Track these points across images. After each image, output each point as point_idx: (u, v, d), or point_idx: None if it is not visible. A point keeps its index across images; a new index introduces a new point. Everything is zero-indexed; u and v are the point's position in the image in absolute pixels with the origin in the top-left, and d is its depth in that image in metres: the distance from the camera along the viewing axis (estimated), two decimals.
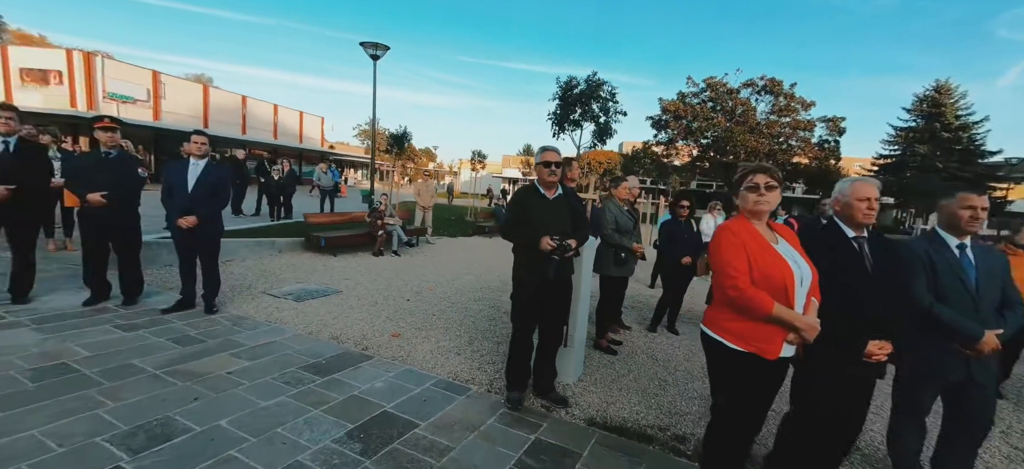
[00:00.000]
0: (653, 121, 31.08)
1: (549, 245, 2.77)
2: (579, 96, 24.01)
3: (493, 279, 7.12)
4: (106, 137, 4.01)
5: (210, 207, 4.14)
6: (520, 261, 2.96)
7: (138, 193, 4.24)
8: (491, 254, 9.83)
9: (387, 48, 9.48)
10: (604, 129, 24.86)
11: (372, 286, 5.92)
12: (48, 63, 17.75)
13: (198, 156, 4.13)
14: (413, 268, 7.43)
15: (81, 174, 4.00)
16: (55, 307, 3.96)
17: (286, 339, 3.77)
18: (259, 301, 4.79)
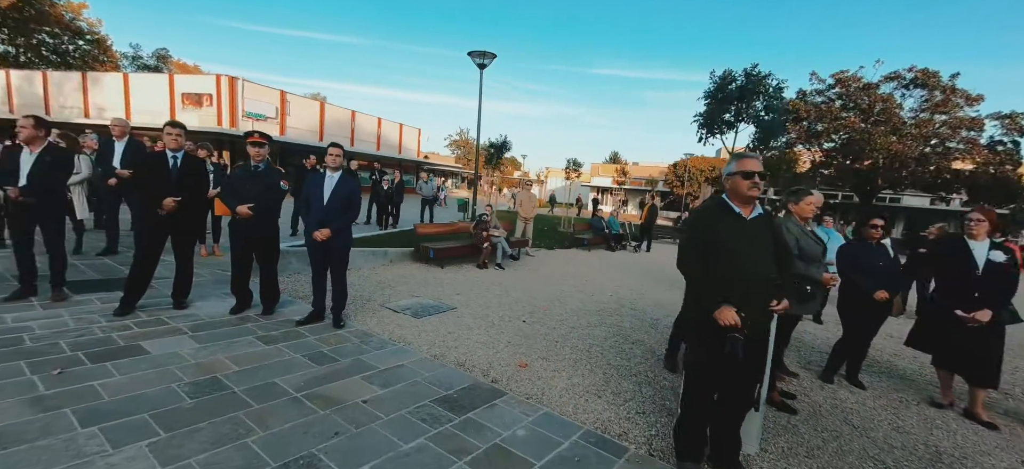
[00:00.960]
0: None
1: (733, 321, 2.13)
2: (737, 92, 20.80)
3: (606, 300, 6.52)
4: (255, 152, 4.16)
5: (343, 219, 4.12)
6: (698, 309, 2.37)
7: (280, 204, 4.36)
8: (597, 270, 9.22)
9: (494, 56, 9.38)
10: (770, 130, 21.14)
11: (484, 303, 5.66)
12: (202, 88, 20.79)
13: (333, 168, 4.13)
14: (520, 283, 7.09)
15: (233, 186, 4.18)
16: (208, 314, 4.17)
17: (413, 364, 3.55)
18: (380, 315, 4.72)
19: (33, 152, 3.87)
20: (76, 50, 39.81)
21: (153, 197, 3.92)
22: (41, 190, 3.85)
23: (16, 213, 3.84)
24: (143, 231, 3.99)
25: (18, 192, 3.76)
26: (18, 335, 3.27)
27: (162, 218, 3.95)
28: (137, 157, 6.03)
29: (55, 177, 4.00)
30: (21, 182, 3.81)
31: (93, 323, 3.66)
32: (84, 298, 4.21)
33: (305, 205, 4.14)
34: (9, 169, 3.81)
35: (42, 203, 3.88)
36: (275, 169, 4.42)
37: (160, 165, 4.01)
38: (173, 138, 4.01)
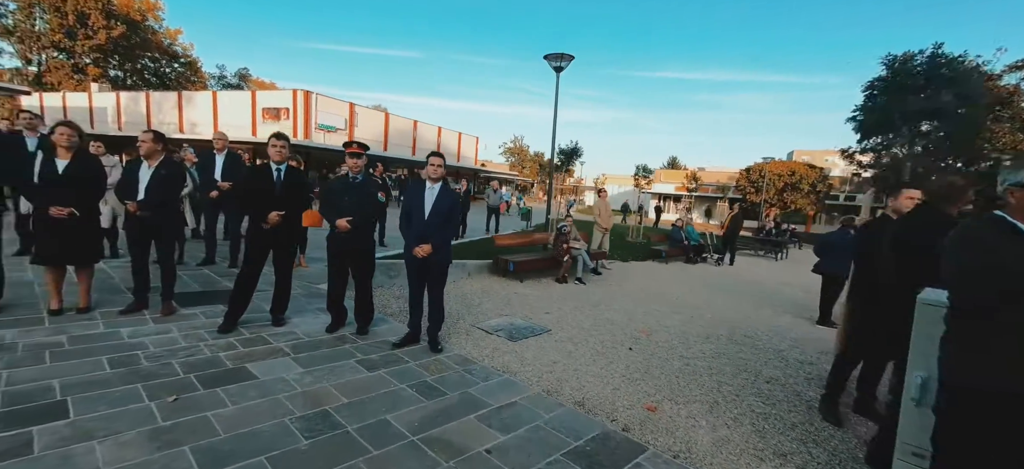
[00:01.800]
0: (858, 123, 25.05)
1: None
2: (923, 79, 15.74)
3: (710, 323, 5.83)
4: (353, 163, 3.97)
5: (444, 235, 3.82)
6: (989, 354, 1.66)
7: (376, 217, 4.16)
8: (683, 286, 8.46)
9: (571, 57, 8.95)
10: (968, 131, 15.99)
11: (577, 324, 5.18)
12: (280, 102, 22.13)
13: (434, 179, 3.85)
14: (608, 301, 6.55)
15: (331, 198, 4.01)
16: (305, 332, 4.03)
17: (527, 401, 3.15)
18: (473, 337, 4.40)
19: (151, 166, 3.91)
20: (172, 72, 44.16)
21: (258, 211, 3.82)
22: (157, 203, 3.88)
23: (134, 226, 3.89)
24: (250, 245, 3.91)
25: (137, 205, 3.80)
26: (134, 353, 3.23)
27: (265, 232, 3.85)
28: (238, 169, 6.20)
29: (171, 190, 4.03)
30: (139, 196, 3.85)
31: (201, 340, 3.59)
32: (190, 312, 4.22)
33: (406, 219, 3.89)
34: (129, 183, 3.87)
35: (158, 216, 3.91)
36: (373, 180, 4.23)
37: (265, 178, 3.91)
38: (277, 150, 3.91)
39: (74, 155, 3.73)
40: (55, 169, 3.65)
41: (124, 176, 3.96)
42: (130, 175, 3.90)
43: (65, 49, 36.32)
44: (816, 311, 7.29)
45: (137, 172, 3.90)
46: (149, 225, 3.90)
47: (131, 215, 3.85)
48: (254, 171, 3.98)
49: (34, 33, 34.96)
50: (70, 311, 3.85)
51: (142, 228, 3.92)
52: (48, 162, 3.65)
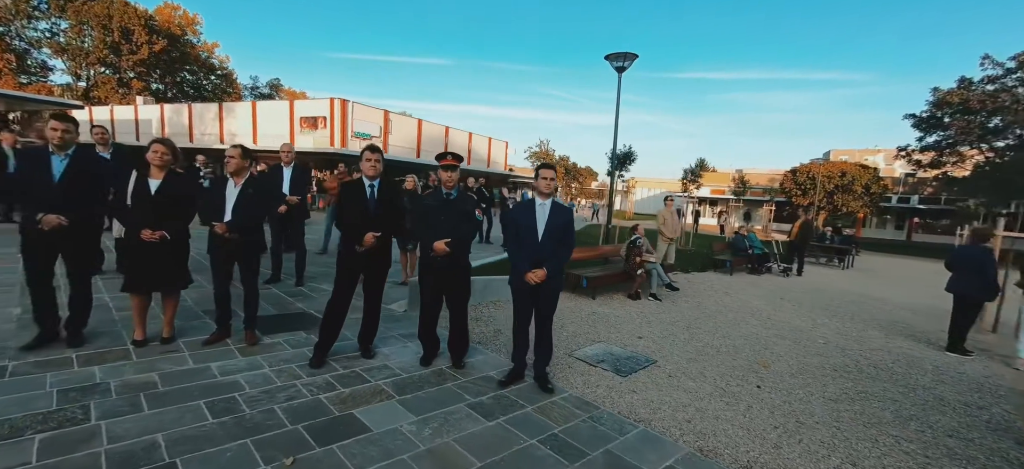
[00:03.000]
0: (917, 119, 23.50)
1: None
2: None
3: (825, 348, 5.23)
4: (447, 176, 3.59)
5: (559, 258, 3.39)
6: None
7: (473, 237, 3.76)
8: (765, 301, 7.81)
9: (635, 56, 8.45)
10: None
11: (681, 352, 4.67)
12: (317, 111, 22.29)
13: (545, 194, 3.43)
14: (699, 322, 5.99)
15: (425, 216, 3.63)
16: (400, 365, 3.66)
17: (684, 463, 2.66)
18: (576, 371, 3.95)
19: (238, 184, 3.62)
20: (209, 84, 45.58)
21: (352, 231, 3.47)
22: (246, 224, 3.59)
23: (219, 249, 3.60)
24: (341, 270, 3.56)
25: (225, 227, 3.51)
26: (231, 397, 2.90)
27: (359, 255, 3.50)
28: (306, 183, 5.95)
29: (259, 210, 3.74)
30: (226, 217, 3.56)
31: (295, 378, 3.26)
32: (272, 340, 3.91)
33: (514, 238, 3.46)
34: (216, 203, 3.58)
35: (245, 238, 3.61)
36: (469, 196, 3.83)
37: (358, 195, 3.56)
38: (371, 164, 3.56)
39: (166, 174, 3.47)
40: (148, 189, 3.39)
41: (210, 196, 3.68)
42: (217, 194, 3.62)
43: (111, 64, 37.89)
44: (927, 332, 6.55)
45: (224, 191, 3.61)
46: (235, 248, 3.61)
47: (217, 238, 3.57)
48: (348, 188, 3.64)
49: (83, 50, 36.58)
50: (154, 342, 3.58)
51: (226, 251, 3.63)
52: (141, 182, 3.39)
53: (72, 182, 3.26)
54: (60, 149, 3.26)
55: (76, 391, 2.77)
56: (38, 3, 35.30)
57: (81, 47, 36.46)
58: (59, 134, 3.22)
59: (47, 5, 35.74)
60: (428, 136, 27.22)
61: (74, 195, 3.27)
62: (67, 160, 3.27)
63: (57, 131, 3.21)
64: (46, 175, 3.20)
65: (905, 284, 12.30)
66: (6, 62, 33.62)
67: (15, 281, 4.81)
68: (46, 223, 3.13)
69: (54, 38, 36.74)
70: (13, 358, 3.10)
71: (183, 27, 42.86)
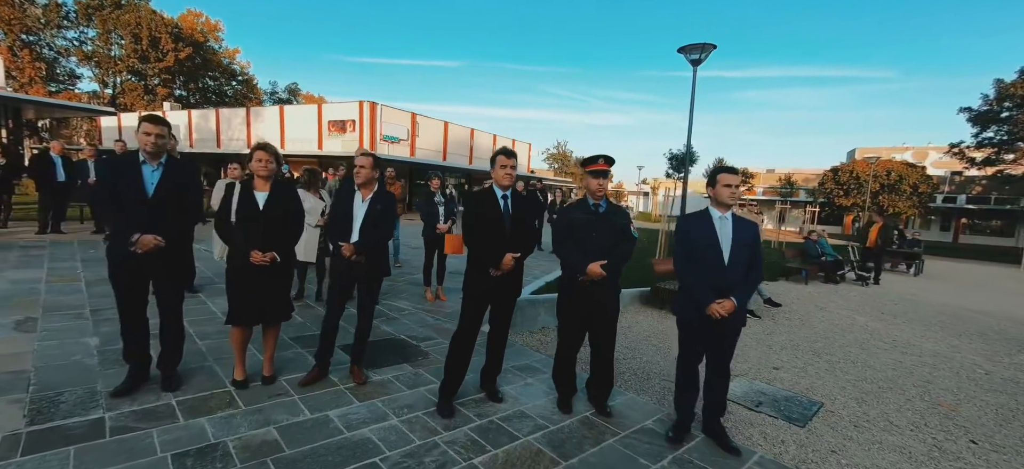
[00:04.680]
0: (975, 114, 22.15)
1: None
2: None
3: (993, 379, 4.50)
4: (597, 184, 3.00)
5: (748, 286, 2.77)
6: None
7: (630, 257, 3.16)
8: (871, 317, 7.07)
9: (713, 47, 7.79)
10: None
11: (837, 387, 4.03)
12: (346, 114, 21.95)
13: (726, 205, 2.82)
14: (823, 346, 5.32)
15: (572, 232, 3.04)
16: (537, 411, 3.08)
17: None
18: (738, 418, 3.34)
19: (365, 198, 3.09)
20: (230, 90, 45.90)
21: (488, 252, 2.91)
22: (375, 244, 3.06)
23: (345, 274, 3.07)
24: (470, 299, 2.99)
25: (353, 249, 2.97)
26: (371, 463, 2.35)
27: (491, 281, 2.94)
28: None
29: (388, 230, 3.20)
30: (354, 237, 3.03)
31: (431, 432, 2.70)
32: (379, 376, 3.37)
33: (685, 258, 2.86)
34: (342, 221, 3.05)
35: (370, 261, 3.08)
36: (620, 209, 3.23)
37: (491, 209, 3.00)
38: (507, 172, 2.99)
39: (272, 186, 2.96)
40: (255, 205, 2.87)
41: (335, 212, 3.16)
42: (342, 210, 3.09)
43: (137, 72, 38.27)
44: None
45: (351, 207, 3.07)
46: (360, 273, 3.07)
47: (340, 261, 3.04)
48: (478, 201, 3.07)
49: (110, 58, 37.00)
50: (254, 381, 3.06)
51: (350, 277, 3.10)
52: (247, 196, 2.88)
53: (167, 196, 2.76)
54: (153, 158, 2.76)
55: (193, 456, 2.24)
56: (66, 12, 35.84)
57: (108, 55, 36.87)
58: (152, 140, 2.71)
59: (75, 14, 36.27)
60: (454, 139, 26.79)
61: (168, 210, 2.76)
62: (160, 170, 2.77)
63: (150, 136, 2.71)
64: (138, 188, 2.70)
65: (985, 291, 11.42)
66: (36, 70, 34.10)
67: (82, 302, 4.36)
68: (142, 245, 2.63)
69: (81, 46, 37.26)
70: (108, 408, 2.59)
71: (205, 34, 43.21)
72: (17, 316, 3.83)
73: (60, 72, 37.58)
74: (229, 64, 45.83)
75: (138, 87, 38.53)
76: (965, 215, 29.85)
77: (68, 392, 2.73)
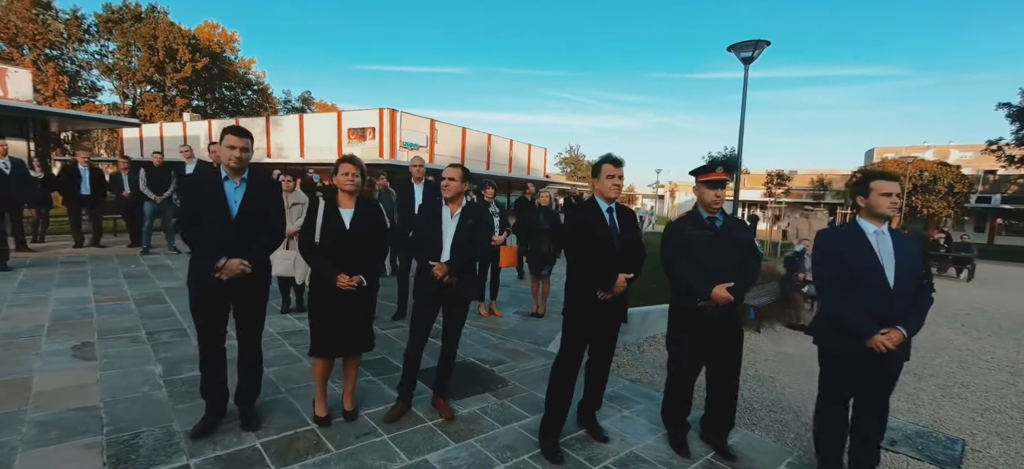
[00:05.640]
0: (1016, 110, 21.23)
1: None
2: None
3: None
4: (714, 195, 2.67)
5: (918, 316, 2.40)
6: None
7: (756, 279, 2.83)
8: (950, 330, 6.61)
9: (767, 43, 7.43)
10: None
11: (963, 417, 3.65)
12: (365, 122, 21.88)
13: (882, 217, 2.47)
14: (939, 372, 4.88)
15: (690, 252, 2.71)
16: (653, 454, 2.75)
17: None
18: None
19: (454, 213, 2.80)
20: (246, 99, 46.39)
21: (596, 273, 2.59)
22: (467, 264, 2.78)
23: (434, 297, 2.78)
24: (579, 322, 2.68)
25: (445, 269, 2.69)
26: None
27: (600, 304, 2.63)
28: None
29: (479, 246, 2.91)
30: (443, 256, 2.74)
31: None
32: (464, 409, 3.07)
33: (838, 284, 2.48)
34: (432, 238, 2.76)
35: (460, 282, 2.79)
36: (740, 222, 2.91)
37: (596, 224, 2.69)
38: (614, 183, 2.69)
39: (358, 203, 2.69)
40: (341, 223, 2.60)
41: (421, 229, 2.88)
42: (431, 227, 2.80)
43: (156, 83, 38.80)
44: None
45: (439, 222, 2.79)
46: (447, 294, 2.78)
47: (427, 282, 2.75)
48: (583, 210, 2.76)
49: (130, 70, 37.55)
50: (336, 418, 2.77)
51: (435, 300, 2.81)
52: (332, 213, 2.61)
53: (251, 215, 2.50)
54: (236, 173, 2.50)
55: None
56: (88, 26, 36.49)
57: (128, 67, 37.43)
58: (237, 154, 2.45)
59: (97, 28, 36.92)
60: (471, 144, 26.61)
61: (251, 231, 2.50)
62: (244, 186, 2.51)
63: (234, 150, 2.45)
64: (222, 208, 2.43)
65: None
66: (60, 84, 34.71)
67: (136, 324, 4.13)
68: (228, 270, 2.36)
69: (103, 59, 37.90)
70: (191, 453, 2.33)
71: (222, 45, 43.75)
72: (74, 341, 3.61)
73: (82, 85, 38.24)
74: (244, 74, 46.34)
75: (157, 98, 39.05)
76: (1001, 215, 28.86)
77: (145, 433, 2.47)
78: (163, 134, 28.52)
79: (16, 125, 13.92)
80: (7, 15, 30.94)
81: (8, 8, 31.12)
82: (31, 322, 3.97)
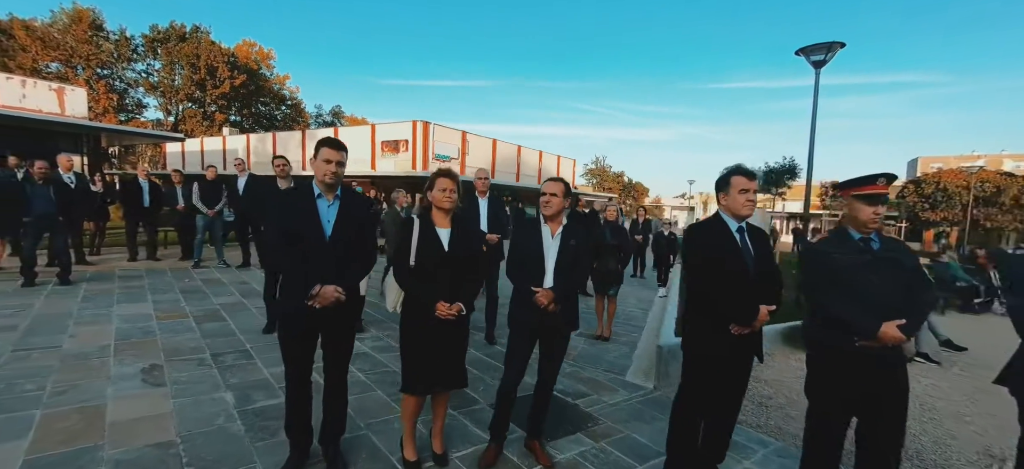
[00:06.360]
0: None
1: None
2: None
3: None
4: (870, 213, 2.24)
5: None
6: None
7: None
8: None
9: (841, 45, 6.95)
10: None
11: None
12: (399, 134, 22.05)
13: None
14: None
15: (840, 280, 2.30)
16: None
17: None
18: None
19: (556, 234, 2.51)
20: (280, 114, 47.82)
21: (732, 305, 2.24)
22: (573, 289, 2.49)
23: (534, 327, 2.47)
24: (702, 363, 2.33)
25: (550, 295, 2.39)
26: None
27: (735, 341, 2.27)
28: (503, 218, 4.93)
29: (584, 270, 2.62)
30: (547, 281, 2.44)
31: None
32: (559, 454, 2.74)
33: None
34: (531, 263, 2.47)
35: (564, 310, 2.49)
36: (899, 243, 2.50)
37: (726, 247, 2.34)
38: (747, 198, 2.35)
39: (454, 222, 2.43)
40: (439, 245, 2.34)
41: (520, 250, 2.57)
42: (530, 249, 2.51)
43: (196, 99, 40.42)
44: None
45: (539, 244, 2.50)
46: (549, 324, 2.47)
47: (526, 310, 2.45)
48: (704, 235, 2.43)
49: (173, 88, 39.26)
50: (427, 462, 2.49)
51: (534, 330, 2.51)
52: (429, 234, 2.35)
53: (346, 236, 2.26)
54: (330, 190, 2.27)
55: None
56: (135, 46, 38.41)
57: (171, 85, 39.14)
58: (333, 169, 2.24)
59: (143, 48, 38.82)
60: (502, 156, 26.53)
61: (345, 254, 2.26)
62: (337, 204, 2.28)
63: (330, 165, 2.24)
64: (316, 229, 2.21)
65: None
66: (109, 101, 36.53)
67: (199, 345, 3.97)
68: (322, 299, 2.13)
69: (148, 77, 39.78)
70: None
71: (259, 62, 45.34)
72: (142, 363, 3.46)
73: (128, 102, 40.16)
74: (279, 90, 47.84)
75: (197, 114, 40.63)
76: None
77: None
78: (203, 148, 29.55)
79: (72, 140, 14.53)
80: (64, 38, 32.86)
81: (65, 31, 33.06)
82: (98, 341, 3.87)
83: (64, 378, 3.14)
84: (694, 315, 2.40)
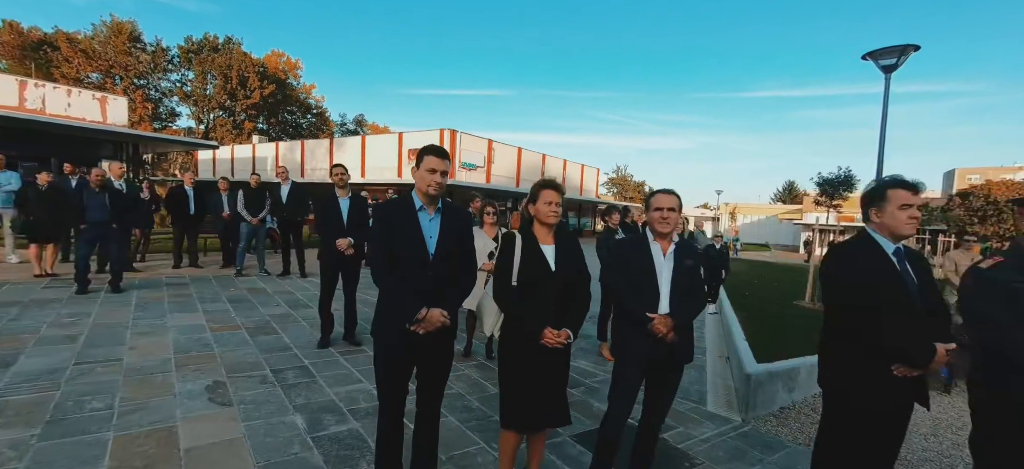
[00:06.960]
0: None
1: None
2: None
3: None
4: None
5: None
6: None
7: None
8: None
9: (915, 48, 6.55)
10: None
11: None
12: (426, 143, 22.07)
13: None
14: None
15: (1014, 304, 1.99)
16: None
17: None
18: None
19: (667, 252, 2.25)
20: (305, 123, 48.79)
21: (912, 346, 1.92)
22: (689, 320, 2.23)
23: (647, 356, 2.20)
24: (856, 415, 2.02)
25: (668, 322, 2.12)
26: None
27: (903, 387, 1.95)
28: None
29: (701, 294, 2.36)
30: (662, 306, 2.18)
31: None
32: None
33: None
34: (645, 286, 2.21)
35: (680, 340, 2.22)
36: None
37: (884, 271, 2.03)
38: (911, 217, 2.02)
39: (557, 237, 2.20)
40: (546, 264, 2.11)
41: (629, 269, 2.31)
42: (643, 268, 2.25)
43: (227, 108, 41.54)
44: None
45: (651, 263, 2.23)
46: (663, 355, 2.20)
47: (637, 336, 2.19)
48: (863, 253, 2.11)
49: (206, 97, 40.45)
50: None
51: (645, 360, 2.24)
52: (532, 251, 2.12)
53: (449, 252, 2.05)
54: (432, 203, 2.07)
55: None
56: (170, 57, 39.75)
57: (204, 94, 40.33)
58: (437, 178, 2.04)
59: (178, 59, 40.15)
60: (527, 164, 26.37)
61: (448, 272, 2.05)
62: (438, 217, 2.07)
63: (435, 175, 2.04)
64: (418, 245, 2.00)
65: None
66: (145, 110, 37.80)
67: (257, 360, 3.82)
68: (428, 324, 1.92)
69: (182, 87, 41.07)
70: None
71: (286, 72, 46.43)
72: (205, 380, 3.32)
73: (162, 111, 41.52)
74: (305, 99, 48.86)
75: (227, 122, 41.72)
76: None
77: None
78: (234, 156, 30.23)
79: (112, 148, 14.94)
80: (105, 49, 34.20)
81: (106, 43, 34.41)
82: (158, 354, 3.76)
83: (130, 395, 3.01)
84: (856, 360, 2.04)
